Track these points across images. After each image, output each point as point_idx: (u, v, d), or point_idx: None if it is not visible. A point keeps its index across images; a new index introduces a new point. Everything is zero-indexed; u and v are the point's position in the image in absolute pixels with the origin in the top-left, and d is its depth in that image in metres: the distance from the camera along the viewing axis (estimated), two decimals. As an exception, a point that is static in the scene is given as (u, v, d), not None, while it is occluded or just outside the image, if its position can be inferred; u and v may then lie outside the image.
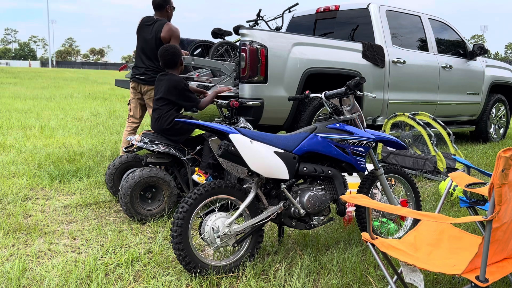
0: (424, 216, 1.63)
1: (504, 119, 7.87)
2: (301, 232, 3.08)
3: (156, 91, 3.54)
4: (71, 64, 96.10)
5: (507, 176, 1.56)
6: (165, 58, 3.49)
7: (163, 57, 3.50)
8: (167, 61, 3.51)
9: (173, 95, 3.42)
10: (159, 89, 3.51)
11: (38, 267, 2.43)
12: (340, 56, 5.01)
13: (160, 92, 3.47)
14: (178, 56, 3.53)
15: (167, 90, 3.42)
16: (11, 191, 3.79)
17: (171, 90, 3.41)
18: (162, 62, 3.53)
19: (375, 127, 5.70)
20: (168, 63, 3.51)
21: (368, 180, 2.90)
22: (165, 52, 3.49)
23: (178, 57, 3.52)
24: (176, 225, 2.28)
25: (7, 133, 6.69)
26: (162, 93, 3.45)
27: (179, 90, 3.42)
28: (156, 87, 3.56)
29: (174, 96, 3.42)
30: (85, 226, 3.11)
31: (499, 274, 1.69)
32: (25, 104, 11.15)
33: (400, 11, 6.02)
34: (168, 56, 3.49)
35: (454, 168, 4.85)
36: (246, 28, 4.36)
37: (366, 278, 2.42)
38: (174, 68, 3.54)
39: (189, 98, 3.48)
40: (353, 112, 2.81)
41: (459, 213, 3.59)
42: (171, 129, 3.42)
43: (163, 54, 3.50)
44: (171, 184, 3.30)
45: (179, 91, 3.42)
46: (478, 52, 6.79)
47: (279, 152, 2.47)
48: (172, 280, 2.33)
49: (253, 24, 6.15)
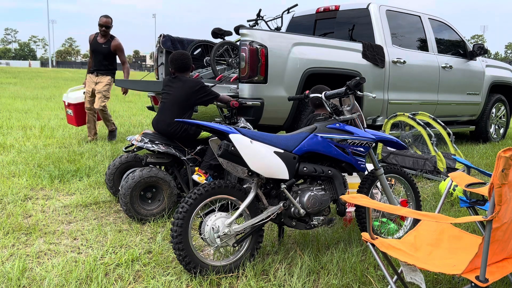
0: (424, 216, 1.63)
1: (504, 119, 7.87)
2: (301, 232, 3.08)
3: (167, 94, 3.53)
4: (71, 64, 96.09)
5: (507, 176, 1.56)
6: (181, 63, 3.52)
7: (178, 62, 3.52)
8: (182, 66, 3.54)
9: (193, 97, 3.45)
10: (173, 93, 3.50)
11: (38, 267, 2.43)
12: (340, 56, 5.01)
13: (176, 97, 3.46)
14: (191, 60, 3.61)
15: (185, 95, 3.44)
16: (11, 191, 3.79)
17: (191, 94, 3.45)
18: (176, 67, 3.55)
19: (375, 127, 5.70)
20: (183, 67, 3.56)
21: (368, 180, 2.90)
22: (178, 58, 3.53)
23: (190, 61, 3.60)
24: (176, 225, 2.28)
25: (7, 133, 6.69)
26: (179, 98, 3.45)
27: (200, 88, 3.47)
28: (168, 91, 3.55)
29: (194, 97, 3.45)
30: (85, 226, 3.11)
31: (499, 274, 1.69)
32: (25, 104, 11.15)
33: (400, 11, 6.02)
34: (181, 61, 3.54)
35: (454, 168, 4.85)
36: (246, 28, 4.36)
37: (366, 278, 2.42)
38: (187, 72, 3.60)
39: (210, 92, 3.53)
40: (353, 112, 2.81)
41: (459, 213, 3.59)
42: (182, 134, 3.44)
43: (177, 59, 3.52)
44: (171, 184, 3.30)
45: (199, 89, 3.47)
46: (478, 52, 6.79)
47: (279, 152, 2.47)
48: (172, 280, 2.34)
49: (253, 24, 6.15)
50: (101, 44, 6.03)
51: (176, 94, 3.47)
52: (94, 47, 6.02)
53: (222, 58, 5.15)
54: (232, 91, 4.45)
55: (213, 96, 3.54)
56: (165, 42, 5.52)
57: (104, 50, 6.03)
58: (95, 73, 6.06)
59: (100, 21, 5.95)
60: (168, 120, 3.43)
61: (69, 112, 6.28)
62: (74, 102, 6.17)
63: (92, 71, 6.08)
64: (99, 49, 6.03)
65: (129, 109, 11.10)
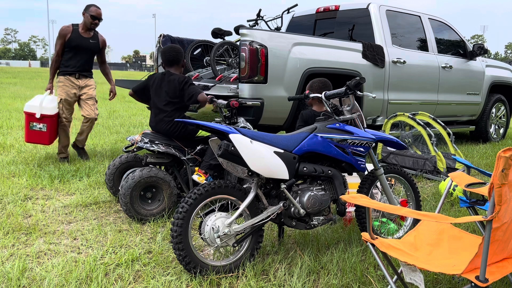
0: (424, 216, 1.63)
1: (504, 119, 7.87)
2: (301, 232, 3.08)
3: (158, 91, 3.53)
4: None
5: (507, 176, 1.56)
6: (169, 55, 3.52)
7: (167, 54, 3.52)
8: (171, 58, 3.52)
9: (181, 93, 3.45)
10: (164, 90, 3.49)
11: (38, 267, 2.43)
12: (340, 56, 5.01)
13: (167, 94, 3.46)
14: (182, 55, 3.58)
15: (174, 91, 3.44)
16: (11, 191, 3.79)
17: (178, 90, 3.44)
18: (165, 60, 3.54)
19: (375, 127, 5.70)
20: (172, 60, 3.54)
21: (368, 180, 2.90)
22: (170, 50, 3.52)
23: (182, 55, 3.57)
24: (176, 225, 2.28)
25: (7, 133, 6.69)
26: (169, 96, 3.45)
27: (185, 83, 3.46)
28: (159, 87, 3.54)
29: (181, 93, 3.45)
30: (85, 226, 3.11)
31: (499, 274, 1.69)
32: (25, 104, 11.14)
33: (400, 11, 6.02)
34: (173, 53, 3.53)
35: (454, 168, 4.85)
36: (246, 28, 4.36)
37: (366, 278, 2.42)
38: (177, 66, 3.58)
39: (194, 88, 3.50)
40: (353, 112, 2.81)
41: (459, 213, 3.59)
42: (180, 133, 3.44)
43: (167, 51, 3.52)
44: (171, 184, 3.30)
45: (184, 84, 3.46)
46: (478, 52, 6.79)
47: (279, 152, 2.47)
48: (172, 280, 2.33)
49: (253, 24, 6.15)
50: (87, 39, 4.92)
51: (166, 92, 3.47)
52: (77, 43, 4.85)
53: (222, 58, 5.16)
54: (232, 91, 4.45)
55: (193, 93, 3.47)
56: (165, 42, 5.52)
57: (93, 47, 4.97)
58: (76, 75, 4.93)
59: (94, 12, 4.86)
60: (165, 119, 3.44)
61: (38, 127, 4.78)
62: (52, 113, 4.78)
63: (71, 72, 4.90)
64: (86, 45, 4.91)
65: (129, 109, 11.10)
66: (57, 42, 4.84)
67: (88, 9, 4.86)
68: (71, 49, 4.87)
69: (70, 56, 4.88)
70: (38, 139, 4.78)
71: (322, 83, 3.38)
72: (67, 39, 4.82)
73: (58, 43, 4.83)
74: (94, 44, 4.98)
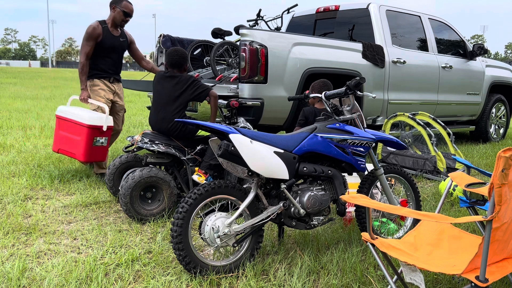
0: (424, 216, 1.63)
1: (504, 119, 7.87)
2: (301, 232, 3.08)
3: (160, 92, 3.53)
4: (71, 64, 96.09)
5: (507, 176, 1.56)
6: (172, 59, 3.52)
7: (171, 57, 3.53)
8: (173, 62, 3.53)
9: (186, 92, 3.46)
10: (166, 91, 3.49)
11: (38, 267, 2.43)
12: (340, 56, 5.01)
13: (170, 94, 3.46)
14: (186, 60, 3.60)
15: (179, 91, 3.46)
16: (11, 191, 3.79)
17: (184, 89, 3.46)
18: (168, 61, 3.56)
19: (375, 127, 5.70)
20: (175, 63, 3.55)
21: (368, 180, 2.90)
22: (174, 53, 3.53)
23: (186, 61, 3.60)
24: (176, 225, 2.28)
25: (7, 133, 6.69)
26: (171, 95, 3.45)
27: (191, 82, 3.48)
28: (161, 89, 3.54)
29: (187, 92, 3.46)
30: (85, 226, 3.11)
31: (499, 274, 1.69)
32: (25, 104, 11.15)
33: (400, 11, 6.02)
34: (177, 57, 3.54)
35: (454, 168, 4.85)
36: (246, 28, 4.36)
37: (366, 278, 2.42)
38: (180, 70, 3.59)
39: (201, 85, 3.53)
40: (353, 112, 2.81)
41: (459, 213, 3.59)
42: (180, 132, 3.44)
43: (172, 53, 3.53)
44: (171, 184, 3.30)
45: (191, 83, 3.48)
46: (478, 52, 6.79)
47: (279, 152, 2.47)
48: (172, 280, 2.34)
49: (253, 24, 6.15)
50: (118, 38, 4.35)
51: (169, 92, 3.47)
52: (110, 43, 4.27)
53: (222, 58, 5.15)
54: (232, 91, 4.45)
55: (204, 89, 3.52)
56: (165, 42, 5.52)
57: (124, 45, 4.44)
58: (110, 78, 4.38)
59: (126, 7, 4.29)
60: (166, 117, 3.43)
61: (101, 142, 4.04)
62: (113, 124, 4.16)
63: (105, 76, 4.34)
64: (119, 45, 4.36)
65: (129, 109, 11.10)
66: (87, 43, 4.19)
67: (120, 3, 4.26)
68: (103, 50, 4.27)
69: (102, 57, 4.29)
70: (98, 155, 4.07)
71: (322, 83, 3.39)
72: (100, 40, 4.21)
73: (89, 44, 4.19)
74: (124, 43, 4.43)
